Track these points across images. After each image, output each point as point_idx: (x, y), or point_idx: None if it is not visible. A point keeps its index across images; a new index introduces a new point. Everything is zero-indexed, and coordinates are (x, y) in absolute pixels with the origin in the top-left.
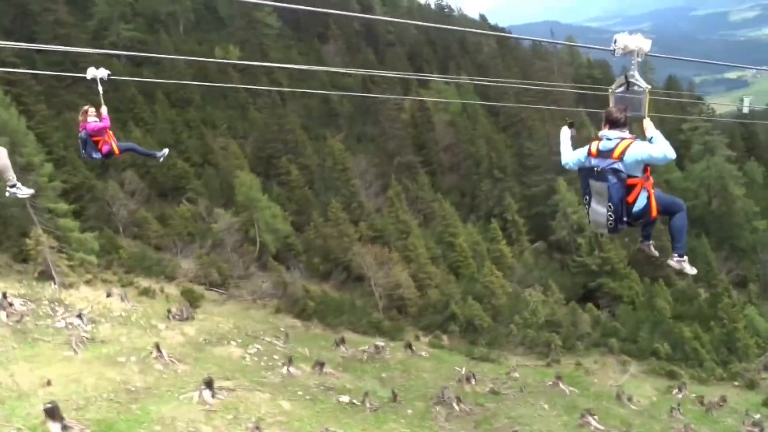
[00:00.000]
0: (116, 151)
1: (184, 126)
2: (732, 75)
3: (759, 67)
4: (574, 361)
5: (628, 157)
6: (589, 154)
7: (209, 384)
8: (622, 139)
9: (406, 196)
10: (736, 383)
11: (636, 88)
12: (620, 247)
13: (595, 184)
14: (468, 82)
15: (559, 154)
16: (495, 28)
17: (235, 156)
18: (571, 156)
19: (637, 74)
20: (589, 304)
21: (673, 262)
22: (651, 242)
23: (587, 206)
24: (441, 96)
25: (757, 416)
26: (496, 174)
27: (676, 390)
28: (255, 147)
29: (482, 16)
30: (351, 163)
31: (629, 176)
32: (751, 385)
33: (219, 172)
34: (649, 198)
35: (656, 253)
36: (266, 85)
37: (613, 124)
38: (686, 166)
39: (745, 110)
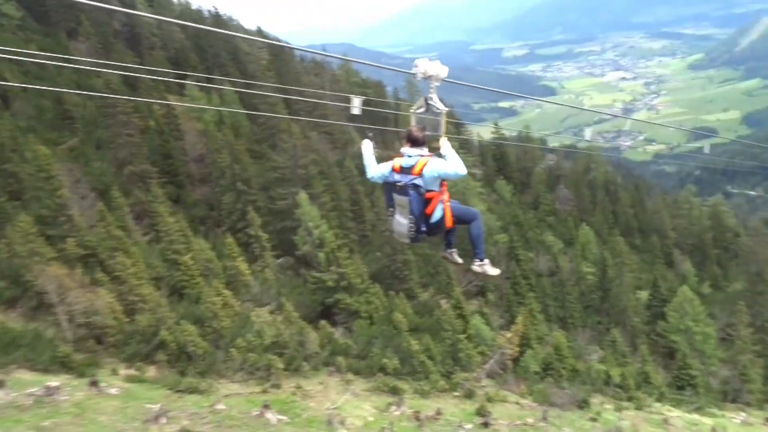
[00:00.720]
0: None
1: None
2: (505, 104)
3: (530, 97)
4: (295, 385)
5: (427, 173)
6: (393, 169)
7: None
8: (422, 156)
9: (135, 209)
10: (456, 394)
11: (435, 109)
12: (360, 261)
13: (397, 198)
14: (227, 88)
15: (304, 167)
16: (273, 38)
17: None
18: (375, 170)
19: (435, 97)
20: (323, 322)
21: (476, 266)
22: (454, 250)
23: (391, 217)
24: (195, 104)
25: (469, 426)
26: (240, 186)
27: (395, 407)
28: None
29: (259, 28)
30: (59, 171)
31: (428, 190)
32: (469, 395)
33: None
34: (444, 210)
35: (459, 260)
36: None
37: (414, 142)
38: None
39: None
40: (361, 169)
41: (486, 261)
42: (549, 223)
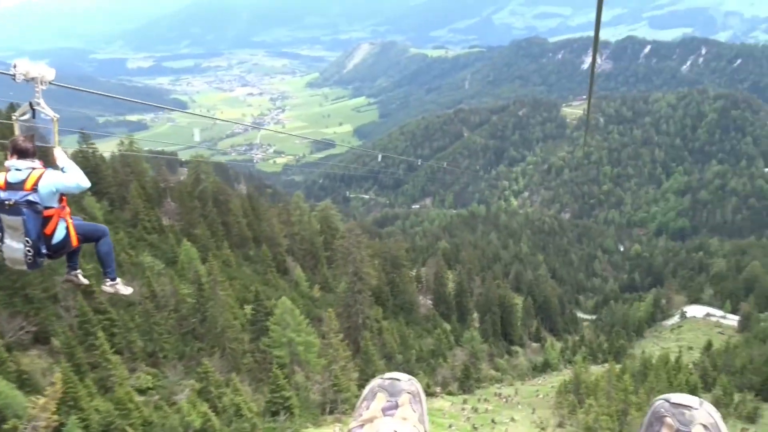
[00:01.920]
0: None
1: None
2: (133, 117)
3: (163, 107)
4: None
5: (42, 187)
6: None
7: None
8: (33, 169)
9: None
10: None
11: (44, 116)
12: None
13: (7, 219)
14: None
15: None
16: None
17: None
18: None
19: (43, 102)
20: None
21: (107, 286)
22: (78, 271)
23: (1, 243)
24: None
25: None
26: None
27: None
28: None
29: None
30: None
31: (46, 207)
32: None
33: None
34: (68, 227)
35: (86, 281)
36: None
37: (22, 153)
38: None
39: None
40: None
41: (118, 280)
42: (150, 241)
